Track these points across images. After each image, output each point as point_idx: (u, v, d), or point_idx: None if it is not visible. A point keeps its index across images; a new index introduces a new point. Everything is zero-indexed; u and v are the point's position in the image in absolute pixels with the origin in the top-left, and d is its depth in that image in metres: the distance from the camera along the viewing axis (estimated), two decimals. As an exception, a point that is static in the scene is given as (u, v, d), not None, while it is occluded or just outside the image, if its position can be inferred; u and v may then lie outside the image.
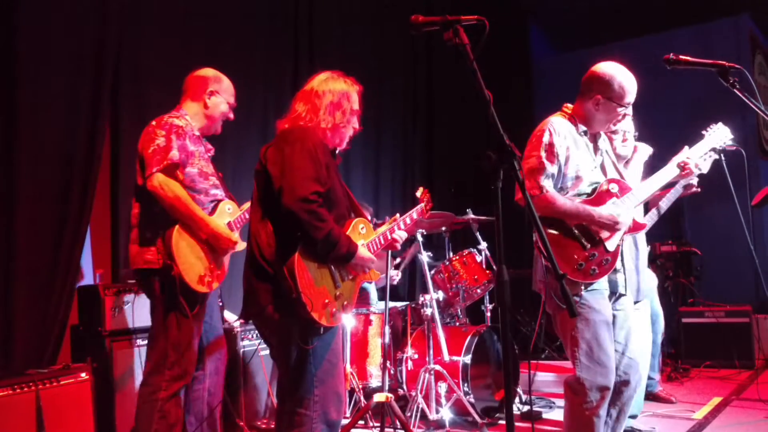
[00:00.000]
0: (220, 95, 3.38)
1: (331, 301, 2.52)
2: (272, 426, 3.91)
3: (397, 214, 3.01)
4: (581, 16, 7.99)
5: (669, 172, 2.99)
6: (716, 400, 4.73)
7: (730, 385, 5.22)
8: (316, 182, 2.45)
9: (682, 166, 2.99)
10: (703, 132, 3.11)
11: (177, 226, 3.08)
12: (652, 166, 3.37)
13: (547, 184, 2.81)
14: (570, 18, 8.21)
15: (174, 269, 3.03)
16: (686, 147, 3.05)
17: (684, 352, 5.95)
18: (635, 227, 2.95)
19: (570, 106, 3.00)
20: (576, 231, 2.82)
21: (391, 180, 6.70)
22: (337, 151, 2.73)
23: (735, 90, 2.39)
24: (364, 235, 2.73)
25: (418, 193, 3.27)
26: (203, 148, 3.32)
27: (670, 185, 3.60)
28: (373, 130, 6.36)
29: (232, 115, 3.45)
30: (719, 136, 3.09)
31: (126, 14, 4.20)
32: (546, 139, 2.83)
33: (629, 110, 2.94)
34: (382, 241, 2.84)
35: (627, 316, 2.94)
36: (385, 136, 6.63)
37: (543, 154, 2.81)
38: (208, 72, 3.42)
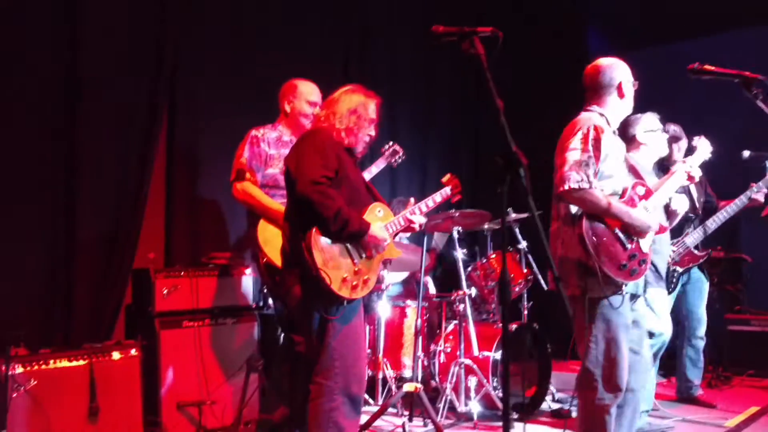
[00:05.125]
0: (296, 99, 3.73)
1: (350, 275, 2.71)
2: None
3: (412, 199, 3.17)
4: (639, 16, 7.86)
5: (679, 178, 3.17)
6: (753, 409, 4.67)
7: (771, 395, 5.13)
8: (324, 168, 2.70)
9: (689, 174, 3.18)
10: (693, 144, 3.39)
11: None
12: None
13: (594, 179, 2.84)
14: (628, 18, 8.08)
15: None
16: (689, 157, 3.32)
17: (728, 360, 5.86)
18: (660, 229, 3.06)
19: (591, 107, 3.06)
20: (617, 230, 2.86)
21: (437, 180, 6.75)
22: (356, 151, 2.97)
23: (757, 102, 2.41)
24: (381, 218, 2.92)
25: (444, 179, 3.36)
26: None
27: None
28: (419, 130, 6.43)
29: (309, 110, 3.68)
30: (706, 147, 3.37)
31: (184, 15, 4.45)
32: (592, 134, 2.86)
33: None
34: (402, 222, 3.01)
35: (642, 317, 3.00)
36: (432, 136, 6.68)
37: (590, 148, 2.83)
38: (285, 84, 3.80)
